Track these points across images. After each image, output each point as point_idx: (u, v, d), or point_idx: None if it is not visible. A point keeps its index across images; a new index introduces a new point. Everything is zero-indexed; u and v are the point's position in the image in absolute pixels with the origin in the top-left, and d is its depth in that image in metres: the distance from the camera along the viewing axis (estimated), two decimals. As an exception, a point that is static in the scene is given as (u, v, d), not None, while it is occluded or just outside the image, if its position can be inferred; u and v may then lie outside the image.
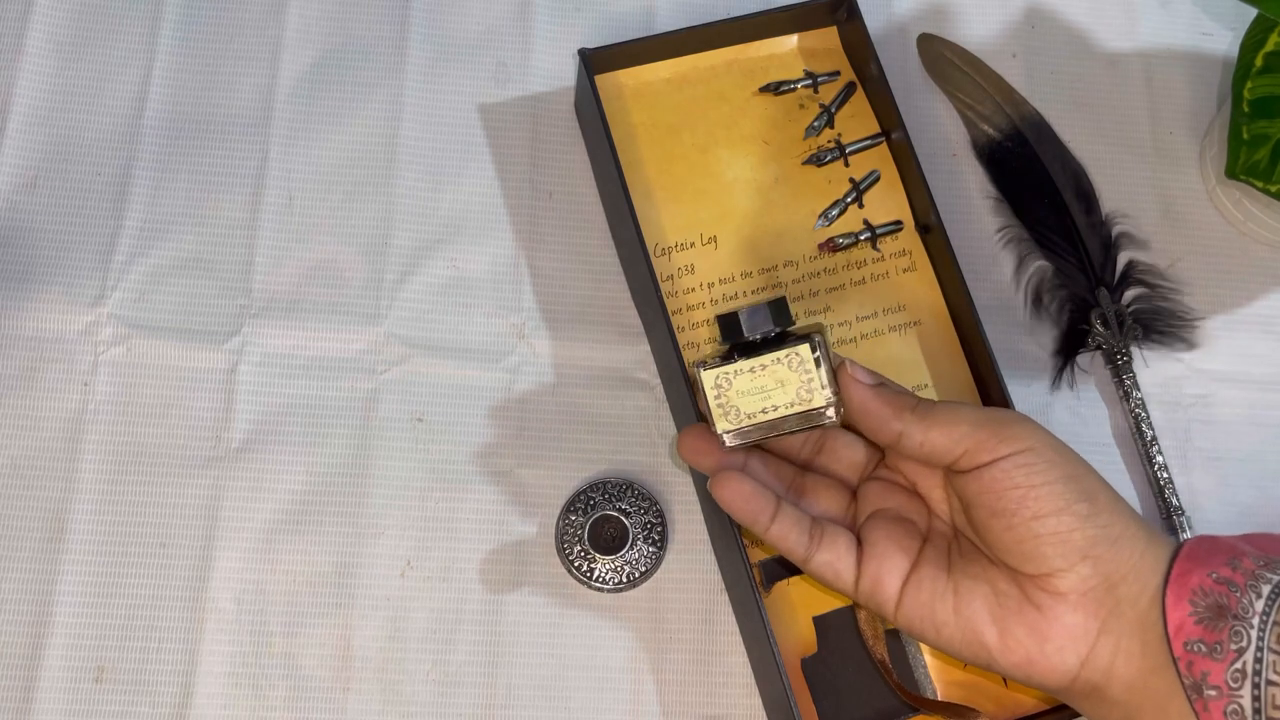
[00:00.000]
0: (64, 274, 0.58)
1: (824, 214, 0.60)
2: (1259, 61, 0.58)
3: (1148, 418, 0.59)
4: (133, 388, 0.57)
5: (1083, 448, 0.58)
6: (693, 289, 0.58)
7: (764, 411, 0.47)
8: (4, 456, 0.55)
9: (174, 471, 0.56)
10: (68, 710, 0.53)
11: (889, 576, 0.46)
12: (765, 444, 0.50)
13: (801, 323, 0.49)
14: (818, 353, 0.46)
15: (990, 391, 0.56)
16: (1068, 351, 0.60)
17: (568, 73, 0.63)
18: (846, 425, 0.49)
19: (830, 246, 0.59)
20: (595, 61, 0.58)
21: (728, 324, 0.47)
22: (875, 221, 0.60)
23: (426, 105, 0.62)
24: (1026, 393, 0.59)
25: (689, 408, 0.53)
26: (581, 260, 0.60)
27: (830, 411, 0.47)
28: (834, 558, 0.47)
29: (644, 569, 0.55)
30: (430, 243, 0.60)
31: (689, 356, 0.56)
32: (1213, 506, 0.59)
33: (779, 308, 0.47)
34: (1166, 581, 0.44)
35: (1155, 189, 0.63)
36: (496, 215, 0.60)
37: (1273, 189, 0.57)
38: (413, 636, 0.55)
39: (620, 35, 0.60)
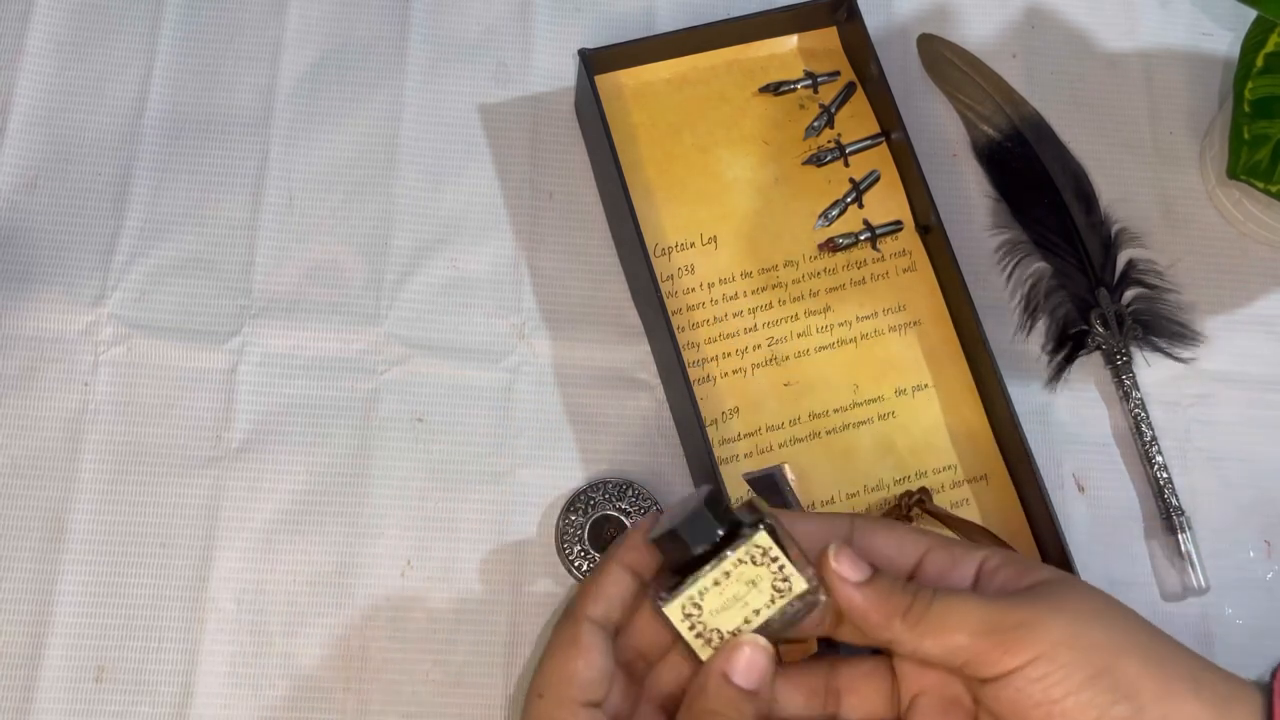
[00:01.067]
0: (64, 274, 0.58)
1: (824, 214, 0.60)
2: (1259, 62, 0.58)
3: (1148, 418, 0.59)
4: (133, 388, 0.57)
5: (1083, 448, 0.59)
6: (693, 289, 0.58)
7: (747, 621, 0.41)
8: (4, 456, 0.55)
9: (174, 471, 0.56)
10: (68, 710, 0.53)
11: None
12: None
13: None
14: (777, 533, 0.41)
15: (990, 392, 0.56)
16: (1067, 352, 0.60)
17: (568, 73, 0.63)
18: None
19: (830, 246, 0.59)
20: (595, 62, 0.58)
21: (669, 544, 0.41)
22: (875, 221, 0.60)
23: (426, 105, 0.62)
24: (1026, 393, 0.59)
25: (689, 408, 0.53)
26: (581, 260, 0.60)
27: (820, 593, 0.41)
28: None
29: (644, 569, 0.55)
30: (430, 243, 0.60)
31: (689, 356, 0.56)
32: (1213, 506, 0.59)
33: (714, 501, 0.41)
34: None
35: (1155, 189, 0.63)
36: (496, 215, 0.60)
37: (1273, 189, 0.57)
38: (413, 636, 0.55)
39: (620, 35, 0.60)
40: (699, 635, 0.41)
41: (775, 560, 0.41)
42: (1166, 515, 0.58)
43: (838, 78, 0.62)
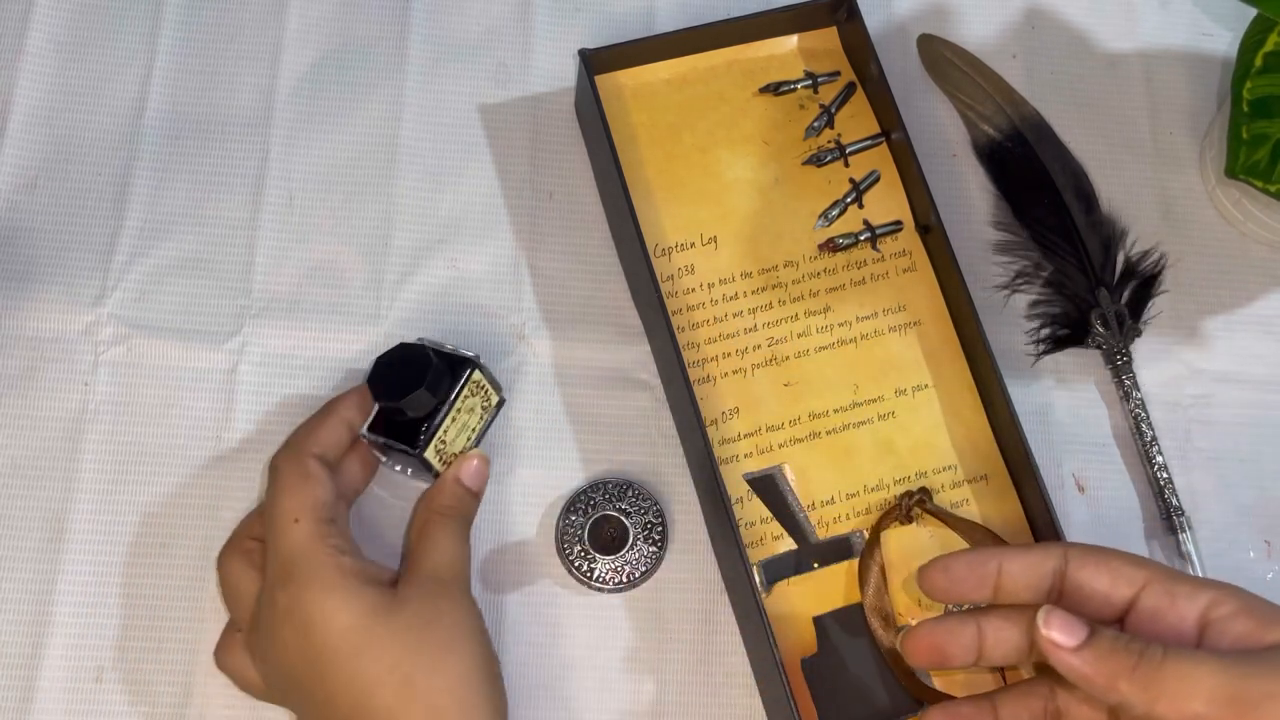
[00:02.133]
0: (64, 274, 0.58)
1: (824, 214, 0.60)
2: (1258, 61, 0.58)
3: (1148, 418, 0.59)
4: (133, 388, 0.57)
5: (1083, 448, 0.59)
6: (693, 289, 0.58)
7: (469, 438, 0.54)
8: (4, 456, 0.55)
9: (174, 471, 0.56)
10: (68, 710, 0.53)
11: None
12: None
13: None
14: (482, 366, 0.53)
15: (990, 392, 0.56)
16: (1058, 339, 0.59)
17: (568, 73, 0.63)
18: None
19: (830, 246, 0.59)
20: (595, 62, 0.58)
21: (415, 404, 0.51)
22: (875, 221, 0.60)
23: (426, 105, 0.62)
24: (1026, 393, 0.59)
25: (689, 408, 0.53)
26: (581, 260, 0.60)
27: (503, 392, 0.55)
28: None
29: (644, 569, 0.55)
30: (430, 243, 0.60)
31: (689, 356, 0.56)
32: (1213, 506, 0.59)
33: (435, 358, 0.52)
34: None
35: (1155, 189, 0.63)
36: (496, 215, 0.60)
37: (1273, 189, 0.57)
38: (413, 636, 0.55)
39: (620, 36, 0.60)
40: (443, 461, 0.53)
41: (483, 387, 0.53)
42: (1167, 515, 0.58)
43: (838, 78, 0.62)
